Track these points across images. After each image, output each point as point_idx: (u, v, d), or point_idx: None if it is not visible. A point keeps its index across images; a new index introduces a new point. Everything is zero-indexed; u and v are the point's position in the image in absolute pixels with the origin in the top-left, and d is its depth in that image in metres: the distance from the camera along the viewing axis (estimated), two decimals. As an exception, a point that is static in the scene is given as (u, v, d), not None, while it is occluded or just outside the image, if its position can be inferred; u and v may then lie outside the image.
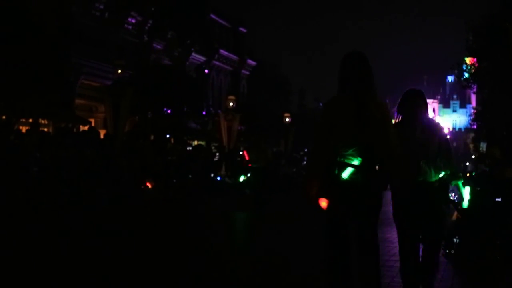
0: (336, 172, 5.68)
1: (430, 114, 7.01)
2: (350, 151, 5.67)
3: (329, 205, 5.70)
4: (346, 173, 5.66)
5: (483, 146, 34.91)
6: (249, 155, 21.16)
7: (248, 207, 19.34)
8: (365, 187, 5.67)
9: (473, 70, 34.41)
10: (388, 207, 6.42)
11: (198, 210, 19.11)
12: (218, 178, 25.88)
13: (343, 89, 5.80)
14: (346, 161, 5.68)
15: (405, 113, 6.77)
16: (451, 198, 19.67)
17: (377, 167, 5.79)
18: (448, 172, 6.83)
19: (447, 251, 9.93)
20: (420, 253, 6.74)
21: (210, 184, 24.37)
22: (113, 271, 8.83)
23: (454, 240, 10.18)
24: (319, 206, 5.74)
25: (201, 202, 20.99)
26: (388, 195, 6.36)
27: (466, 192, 7.16)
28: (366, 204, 5.71)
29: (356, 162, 5.67)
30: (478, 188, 12.16)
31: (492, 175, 11.75)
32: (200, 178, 23.62)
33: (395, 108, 6.79)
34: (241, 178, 22.91)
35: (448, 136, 7.15)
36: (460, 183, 6.95)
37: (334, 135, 5.66)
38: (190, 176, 23.22)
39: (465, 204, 7.13)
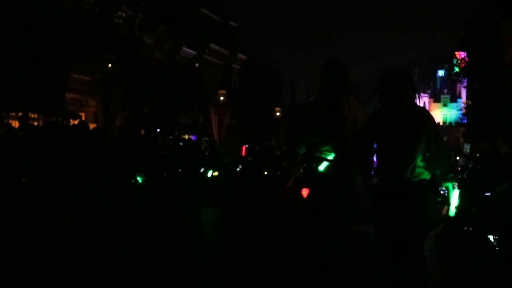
0: (314, 165, 6.64)
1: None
2: (325, 147, 6.61)
3: (309, 193, 6.70)
4: (322, 166, 6.61)
5: (467, 147, 34.99)
6: (218, 149, 20.61)
7: (216, 203, 18.72)
8: (337, 178, 6.40)
9: (462, 65, 34.43)
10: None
11: (182, 206, 18.58)
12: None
13: (320, 93, 6.76)
14: (323, 156, 6.63)
15: (385, 98, 5.66)
16: (441, 192, 19.73)
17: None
18: (438, 172, 5.66)
19: (466, 228, 9.88)
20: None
21: (200, 179, 23.99)
22: (94, 264, 8.82)
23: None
24: (300, 195, 6.73)
25: (188, 197, 20.65)
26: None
27: (454, 196, 5.68)
28: (339, 194, 6.58)
29: (330, 157, 6.61)
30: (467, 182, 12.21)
31: (481, 169, 11.79)
32: (190, 173, 23.36)
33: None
34: (209, 174, 21.70)
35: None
36: (450, 185, 5.65)
37: (310, 133, 6.65)
38: (180, 170, 23.08)
39: (452, 212, 5.74)
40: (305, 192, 6.71)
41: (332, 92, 6.61)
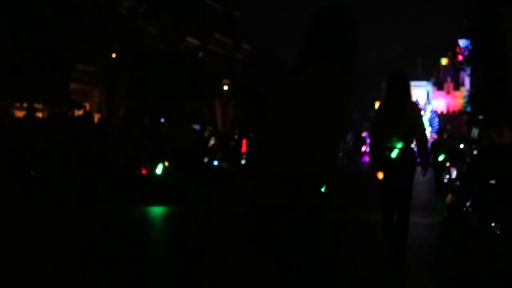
0: (387, 153, 8.39)
1: (423, 97, 7.63)
2: (394, 139, 8.37)
3: (384, 175, 8.52)
4: (394, 154, 8.36)
5: (475, 132, 35.05)
6: (169, 135, 18.37)
7: (170, 200, 16.17)
8: (406, 161, 8.36)
9: (463, 54, 34.46)
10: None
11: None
12: (216, 163, 24.77)
13: (388, 96, 8.63)
14: (394, 145, 8.38)
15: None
16: (445, 181, 19.71)
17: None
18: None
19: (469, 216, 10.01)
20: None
21: (204, 169, 23.06)
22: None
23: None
24: (376, 177, 8.65)
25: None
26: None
27: None
28: (406, 172, 8.40)
29: (400, 145, 8.36)
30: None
31: (486, 157, 11.82)
32: (193, 163, 22.71)
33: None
34: (159, 168, 17.94)
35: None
36: None
37: (383, 127, 8.48)
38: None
39: None
40: (380, 175, 8.60)
41: (399, 96, 8.50)
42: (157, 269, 8.10)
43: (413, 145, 8.51)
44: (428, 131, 56.24)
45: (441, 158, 21.17)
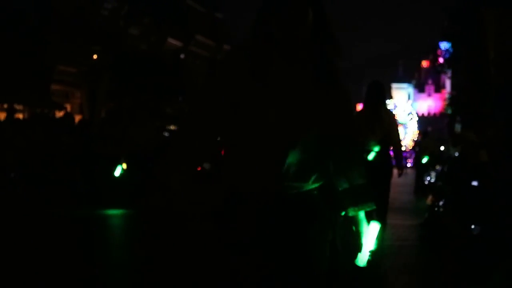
0: (365, 155, 8.83)
1: (404, 99, 8.13)
2: (372, 143, 8.92)
3: None
4: (370, 156, 8.92)
5: (458, 127, 35.22)
6: (128, 135, 17.68)
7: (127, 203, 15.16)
8: (382, 163, 8.92)
9: (446, 56, 34.54)
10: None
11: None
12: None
13: (366, 103, 9.15)
14: (371, 148, 8.93)
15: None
16: (425, 182, 19.75)
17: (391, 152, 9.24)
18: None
19: (449, 218, 10.18)
20: None
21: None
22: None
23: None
24: None
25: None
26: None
27: (371, 234, 3.50)
28: (383, 174, 8.90)
29: (376, 149, 8.97)
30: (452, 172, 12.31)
31: (466, 158, 11.87)
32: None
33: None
34: (118, 171, 16.81)
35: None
36: (361, 214, 3.50)
37: (362, 132, 8.76)
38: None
39: (363, 260, 3.43)
40: None
41: (375, 104, 9.05)
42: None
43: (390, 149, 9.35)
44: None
45: (424, 160, 21.40)
